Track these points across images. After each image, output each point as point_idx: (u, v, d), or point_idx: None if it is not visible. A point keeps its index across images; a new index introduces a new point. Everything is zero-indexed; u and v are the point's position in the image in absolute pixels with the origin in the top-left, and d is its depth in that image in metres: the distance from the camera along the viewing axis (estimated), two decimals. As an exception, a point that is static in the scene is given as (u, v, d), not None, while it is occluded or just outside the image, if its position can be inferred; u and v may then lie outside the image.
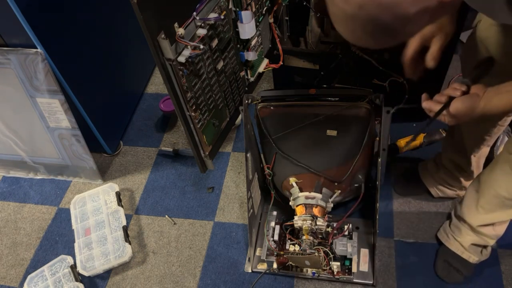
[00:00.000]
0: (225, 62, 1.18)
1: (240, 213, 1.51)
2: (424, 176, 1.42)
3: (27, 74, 1.32)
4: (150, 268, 1.40)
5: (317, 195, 1.22)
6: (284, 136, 1.24)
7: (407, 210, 1.44)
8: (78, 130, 1.46)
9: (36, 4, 1.20)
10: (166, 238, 1.47)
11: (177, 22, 0.93)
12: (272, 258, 1.34)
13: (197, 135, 1.16)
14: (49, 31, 1.27)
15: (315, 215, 1.21)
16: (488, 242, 1.22)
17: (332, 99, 1.20)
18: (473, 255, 1.25)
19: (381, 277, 1.29)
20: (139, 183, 1.64)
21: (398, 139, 1.56)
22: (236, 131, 1.76)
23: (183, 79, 1.00)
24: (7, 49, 1.28)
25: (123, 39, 1.71)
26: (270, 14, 1.32)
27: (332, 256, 1.27)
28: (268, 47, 1.40)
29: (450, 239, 1.28)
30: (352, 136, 1.22)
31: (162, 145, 1.75)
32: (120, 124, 1.80)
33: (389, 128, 1.16)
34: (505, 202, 1.06)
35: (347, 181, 1.26)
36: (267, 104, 1.24)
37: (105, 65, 1.61)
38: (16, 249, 1.51)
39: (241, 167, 1.63)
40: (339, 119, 1.19)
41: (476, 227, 1.18)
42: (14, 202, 1.64)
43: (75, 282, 1.36)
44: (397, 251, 1.35)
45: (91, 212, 1.53)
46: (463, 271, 1.26)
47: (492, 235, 1.19)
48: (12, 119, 1.50)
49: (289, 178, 1.26)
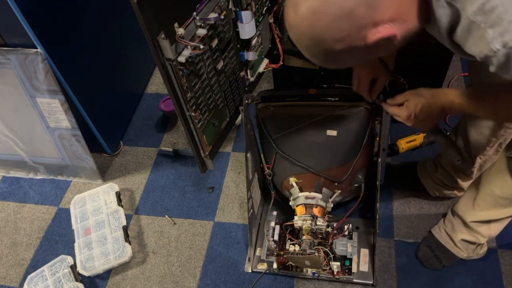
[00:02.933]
0: (225, 62, 1.18)
1: (240, 213, 1.51)
2: (422, 176, 1.43)
3: (27, 74, 1.32)
4: (150, 268, 1.40)
5: (317, 195, 1.22)
6: (284, 136, 1.24)
7: (407, 210, 1.44)
8: (78, 130, 1.46)
9: (36, 4, 1.19)
10: (166, 238, 1.47)
11: (177, 22, 0.93)
12: (272, 258, 1.34)
13: (197, 135, 1.16)
14: (49, 31, 1.27)
15: (315, 215, 1.21)
16: (479, 240, 1.22)
17: (332, 99, 1.20)
18: (463, 251, 1.26)
19: (381, 277, 1.29)
20: (139, 183, 1.64)
21: (398, 139, 1.56)
22: (236, 131, 1.76)
23: (183, 79, 1.01)
24: (7, 49, 1.28)
25: (123, 39, 1.71)
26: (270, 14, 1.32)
27: (332, 256, 1.27)
28: (268, 47, 1.40)
29: (442, 232, 1.29)
30: (352, 136, 1.22)
31: (162, 145, 1.75)
32: (120, 124, 1.80)
33: (389, 128, 1.16)
34: (499, 201, 1.07)
35: (347, 181, 1.26)
36: (267, 104, 1.24)
37: (105, 65, 1.61)
38: (16, 249, 1.51)
39: (241, 167, 1.63)
40: (339, 119, 1.19)
41: (469, 223, 1.19)
42: (14, 202, 1.64)
43: (75, 282, 1.36)
44: (397, 251, 1.35)
45: (91, 212, 1.53)
46: (443, 261, 1.28)
47: (486, 234, 1.20)
48: (12, 119, 1.50)
49: (289, 178, 1.26)
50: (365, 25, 0.68)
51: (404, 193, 1.48)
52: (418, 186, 1.44)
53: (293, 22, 0.71)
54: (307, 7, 0.68)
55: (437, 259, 1.29)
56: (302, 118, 1.21)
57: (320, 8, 0.67)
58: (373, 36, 0.68)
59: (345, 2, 0.66)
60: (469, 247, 1.25)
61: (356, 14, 0.66)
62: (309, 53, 0.76)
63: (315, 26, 0.69)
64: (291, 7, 0.71)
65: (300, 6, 0.69)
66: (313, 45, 0.72)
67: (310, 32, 0.70)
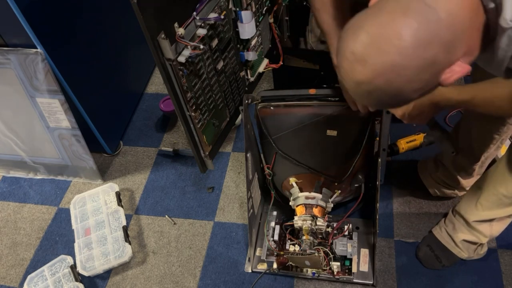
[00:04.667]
0: (225, 62, 1.18)
1: (240, 213, 1.51)
2: (423, 176, 1.43)
3: (27, 74, 1.32)
4: (150, 268, 1.40)
5: (317, 195, 1.22)
6: (284, 136, 1.24)
7: (407, 210, 1.44)
8: (78, 130, 1.46)
9: (36, 4, 1.19)
10: (166, 238, 1.47)
11: (177, 22, 0.93)
12: (272, 258, 1.34)
13: (197, 135, 1.16)
14: (49, 31, 1.27)
15: (315, 215, 1.21)
16: (480, 240, 1.22)
17: (332, 99, 1.20)
18: (464, 251, 1.26)
19: (381, 277, 1.29)
20: (139, 183, 1.64)
21: (398, 139, 1.56)
22: (236, 131, 1.75)
23: (183, 79, 1.01)
24: (7, 49, 1.28)
25: (123, 39, 1.71)
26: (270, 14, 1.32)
27: (332, 256, 1.27)
28: (268, 47, 1.40)
29: (443, 232, 1.29)
30: (352, 136, 1.21)
31: (162, 145, 1.75)
32: (120, 124, 1.80)
33: (389, 128, 1.16)
34: (503, 200, 1.07)
35: (347, 181, 1.26)
36: (267, 104, 1.24)
37: (105, 65, 1.61)
38: (16, 249, 1.51)
39: (241, 167, 1.63)
40: (339, 119, 1.19)
41: (472, 223, 1.19)
42: (14, 202, 1.64)
43: (75, 282, 1.36)
44: (397, 251, 1.35)
45: (91, 212, 1.53)
46: (443, 260, 1.28)
47: (488, 233, 1.20)
48: (12, 119, 1.50)
49: (289, 178, 1.26)
50: (443, 69, 0.63)
51: (404, 193, 1.48)
52: (418, 186, 1.44)
53: (364, 78, 0.64)
54: (383, 62, 0.61)
55: (437, 259, 1.29)
56: (302, 118, 1.21)
57: (400, 63, 0.61)
58: (450, 78, 0.64)
59: (425, 52, 0.60)
60: (470, 247, 1.25)
61: (437, 62, 0.62)
62: (376, 104, 0.73)
63: (395, 81, 0.63)
64: (358, 62, 0.63)
65: (371, 61, 0.62)
66: (388, 98, 0.67)
67: (388, 88, 0.64)
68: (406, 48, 0.60)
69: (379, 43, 0.61)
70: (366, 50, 0.62)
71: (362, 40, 0.63)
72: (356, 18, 0.65)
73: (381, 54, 0.61)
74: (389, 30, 0.60)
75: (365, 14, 0.65)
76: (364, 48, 0.63)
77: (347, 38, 0.65)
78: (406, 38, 0.59)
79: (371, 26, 0.62)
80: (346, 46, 0.65)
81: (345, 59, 0.65)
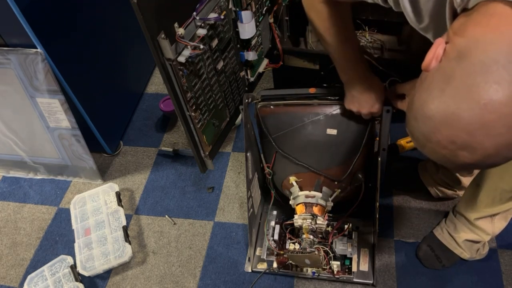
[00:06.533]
0: (225, 62, 1.18)
1: (240, 213, 1.51)
2: (423, 176, 1.43)
3: (27, 74, 1.32)
4: (150, 268, 1.40)
5: (317, 194, 1.22)
6: (284, 135, 1.24)
7: (407, 210, 1.44)
8: (78, 130, 1.46)
9: (36, 4, 1.19)
10: (166, 238, 1.47)
11: (177, 22, 0.93)
12: (272, 257, 1.34)
13: (197, 135, 1.16)
14: (49, 31, 1.27)
15: (315, 214, 1.21)
16: (482, 238, 1.22)
17: (332, 98, 1.20)
18: (466, 251, 1.26)
19: (381, 276, 1.29)
20: (139, 183, 1.64)
21: (398, 139, 1.56)
22: (236, 131, 1.76)
23: (183, 79, 1.01)
24: (7, 49, 1.28)
25: (123, 39, 1.71)
26: (270, 14, 1.32)
27: (332, 255, 1.27)
28: (268, 47, 1.41)
29: (444, 233, 1.29)
30: (352, 135, 1.22)
31: (162, 145, 1.75)
32: (120, 124, 1.80)
33: (389, 128, 1.16)
34: (504, 194, 1.07)
35: (347, 180, 1.26)
36: (267, 103, 1.24)
37: (105, 65, 1.61)
38: (16, 249, 1.51)
39: (241, 167, 1.64)
40: (339, 118, 1.19)
41: (473, 221, 1.19)
42: (14, 202, 1.64)
43: (75, 282, 1.36)
44: (397, 251, 1.35)
45: (91, 212, 1.53)
46: (443, 260, 1.28)
47: (490, 231, 1.20)
48: (12, 119, 1.50)
49: (289, 177, 1.26)
50: None
51: (404, 193, 1.48)
52: (419, 186, 1.44)
53: (473, 162, 0.57)
54: (497, 145, 0.54)
55: (437, 259, 1.29)
56: (302, 117, 1.21)
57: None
58: None
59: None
60: (472, 247, 1.25)
61: None
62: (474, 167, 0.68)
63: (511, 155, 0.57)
64: (464, 150, 0.56)
65: (481, 146, 0.55)
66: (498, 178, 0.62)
67: (504, 161, 0.58)
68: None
69: (487, 127, 0.53)
70: (472, 138, 0.54)
71: (464, 127, 0.54)
72: (427, 95, 0.58)
73: (492, 138, 0.54)
74: (492, 107, 0.52)
75: (440, 91, 0.56)
76: (468, 136, 0.54)
77: (434, 125, 0.57)
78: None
79: (462, 107, 0.54)
80: (439, 134, 0.57)
81: (441, 148, 0.58)
